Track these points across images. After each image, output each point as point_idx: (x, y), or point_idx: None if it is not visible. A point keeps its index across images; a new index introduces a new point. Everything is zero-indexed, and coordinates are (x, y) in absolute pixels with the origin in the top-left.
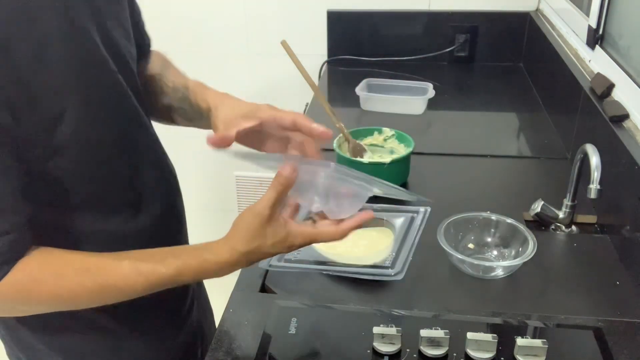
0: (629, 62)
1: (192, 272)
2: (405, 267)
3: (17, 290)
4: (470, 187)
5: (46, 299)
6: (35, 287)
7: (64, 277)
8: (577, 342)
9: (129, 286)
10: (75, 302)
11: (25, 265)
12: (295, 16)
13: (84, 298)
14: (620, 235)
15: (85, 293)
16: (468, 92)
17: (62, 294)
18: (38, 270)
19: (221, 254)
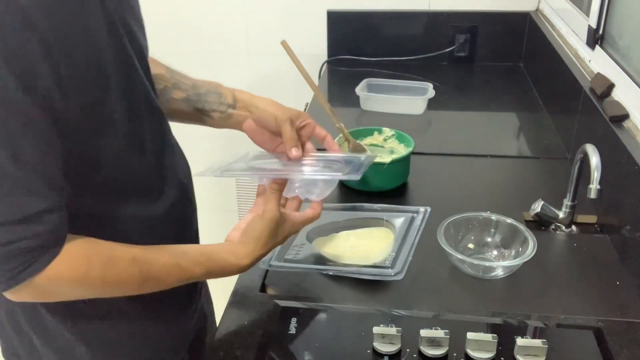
0: (629, 62)
1: (217, 273)
2: (405, 267)
3: (71, 270)
4: (470, 187)
5: (97, 282)
6: (88, 268)
7: (114, 262)
8: (577, 342)
9: (168, 280)
10: (121, 289)
11: (74, 246)
12: (295, 16)
13: (129, 285)
14: (620, 235)
15: (131, 280)
16: (468, 92)
17: (115, 280)
18: (90, 253)
19: (242, 259)
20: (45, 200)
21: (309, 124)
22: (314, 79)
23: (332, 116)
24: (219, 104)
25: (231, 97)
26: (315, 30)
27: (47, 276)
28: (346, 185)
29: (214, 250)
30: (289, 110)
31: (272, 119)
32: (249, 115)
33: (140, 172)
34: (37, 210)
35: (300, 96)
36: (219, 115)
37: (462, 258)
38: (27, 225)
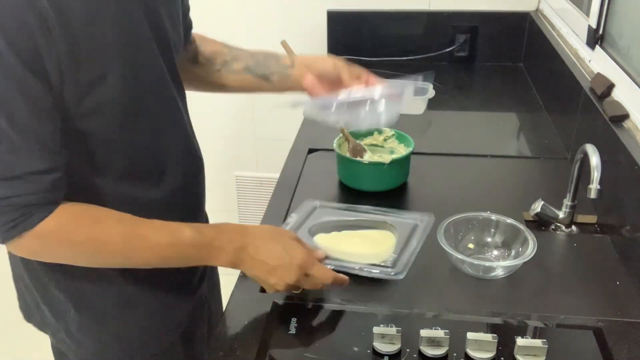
0: (629, 62)
1: (211, 233)
2: (407, 268)
3: (59, 230)
4: (470, 187)
5: (83, 241)
6: (75, 228)
7: (103, 222)
8: (577, 342)
9: (157, 239)
10: (110, 249)
11: (68, 207)
12: (295, 16)
13: (118, 245)
14: (620, 235)
15: (119, 239)
16: (468, 92)
17: (99, 237)
18: (80, 213)
19: (238, 226)
20: (41, 161)
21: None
22: None
23: None
24: (278, 66)
25: (289, 58)
26: (315, 30)
27: (37, 233)
28: (346, 185)
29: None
30: (341, 60)
31: (330, 66)
32: (307, 71)
33: (135, 157)
34: (33, 169)
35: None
36: (278, 78)
37: (462, 258)
38: (22, 182)
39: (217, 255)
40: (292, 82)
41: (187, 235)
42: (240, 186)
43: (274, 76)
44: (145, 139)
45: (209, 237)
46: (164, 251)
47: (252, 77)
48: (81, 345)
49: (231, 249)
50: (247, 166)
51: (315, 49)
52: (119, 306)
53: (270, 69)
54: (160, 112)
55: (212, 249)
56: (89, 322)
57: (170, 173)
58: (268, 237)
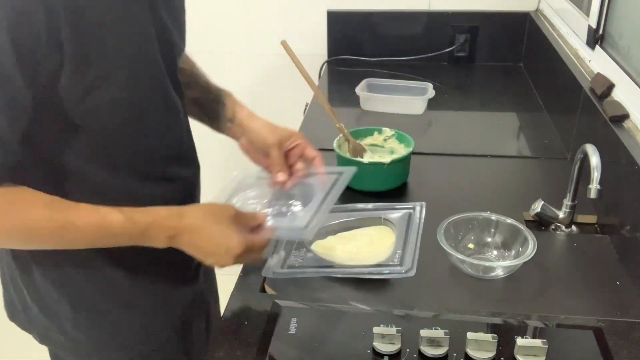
0: (629, 62)
1: (142, 222)
2: (415, 263)
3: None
4: (470, 187)
5: (12, 227)
6: (5, 213)
7: (30, 208)
8: (577, 342)
9: (85, 225)
10: (38, 234)
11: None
12: (295, 16)
13: (45, 230)
14: (620, 235)
15: (46, 226)
16: (468, 92)
17: (26, 223)
18: (10, 198)
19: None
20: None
21: (299, 145)
22: (314, 79)
23: (332, 116)
24: (221, 116)
25: (232, 112)
26: (315, 30)
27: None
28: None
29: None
30: (279, 133)
31: (262, 143)
32: (243, 134)
33: (136, 155)
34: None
35: (300, 96)
36: (218, 125)
37: (462, 258)
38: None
39: (149, 242)
40: (231, 135)
41: (116, 222)
42: None
43: (216, 121)
44: (142, 139)
45: (141, 225)
46: (93, 237)
47: (198, 110)
48: (76, 342)
49: (164, 237)
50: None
51: (315, 49)
52: (115, 302)
53: (215, 113)
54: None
55: (144, 237)
56: (85, 319)
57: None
58: (204, 223)
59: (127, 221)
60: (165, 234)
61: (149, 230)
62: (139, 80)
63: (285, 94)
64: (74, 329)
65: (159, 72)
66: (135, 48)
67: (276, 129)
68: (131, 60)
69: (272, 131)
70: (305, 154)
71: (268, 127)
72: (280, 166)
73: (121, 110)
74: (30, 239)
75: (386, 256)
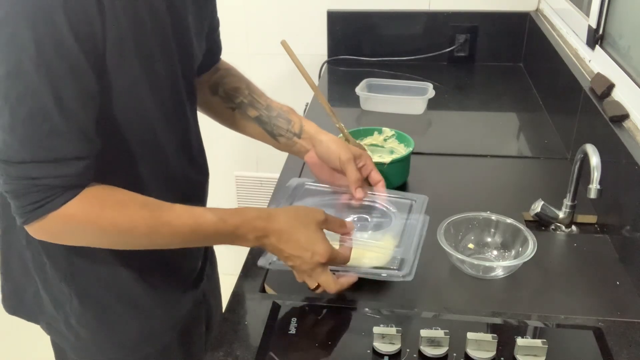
0: (629, 62)
1: (234, 222)
2: (414, 268)
3: (84, 213)
4: (470, 187)
5: (108, 225)
6: (100, 211)
7: (127, 207)
8: (577, 342)
9: (180, 225)
10: (133, 233)
11: (92, 190)
12: (295, 16)
13: (141, 230)
14: (620, 235)
15: (143, 225)
16: (468, 92)
17: (123, 222)
18: (104, 197)
19: (262, 213)
20: (78, 148)
21: (366, 165)
22: (314, 79)
23: (332, 116)
24: (286, 130)
25: (299, 126)
26: (315, 30)
27: (61, 215)
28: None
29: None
30: (351, 150)
31: (335, 158)
32: (311, 148)
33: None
34: (69, 155)
35: (300, 96)
36: (284, 141)
37: (462, 258)
38: (56, 166)
39: (239, 242)
40: (295, 150)
41: (209, 223)
42: (240, 186)
43: (281, 138)
44: (156, 144)
45: (231, 225)
46: (186, 237)
47: (261, 129)
48: (79, 337)
49: (253, 237)
50: (247, 166)
51: (315, 49)
52: (121, 301)
53: (278, 130)
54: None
55: (234, 237)
56: (90, 315)
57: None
58: (292, 227)
59: (219, 222)
60: (253, 234)
61: (239, 230)
62: (158, 83)
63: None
64: (78, 324)
65: (174, 76)
66: (155, 48)
67: (347, 146)
68: (151, 63)
69: (345, 147)
70: (371, 176)
71: (338, 142)
72: (359, 182)
73: (140, 114)
74: (125, 237)
75: (386, 260)
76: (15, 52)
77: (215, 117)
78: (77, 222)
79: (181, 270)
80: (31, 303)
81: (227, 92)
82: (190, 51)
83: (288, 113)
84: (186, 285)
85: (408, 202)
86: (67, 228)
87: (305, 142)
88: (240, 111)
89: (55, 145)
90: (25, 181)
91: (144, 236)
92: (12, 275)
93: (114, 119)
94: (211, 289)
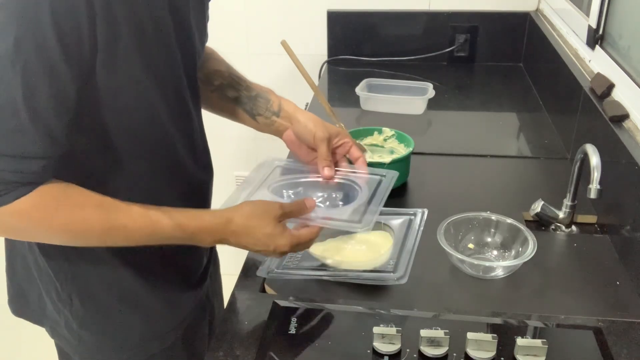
0: (629, 62)
1: (191, 228)
2: (408, 271)
3: (37, 210)
4: (470, 187)
5: (61, 225)
6: (54, 211)
7: (81, 207)
8: (577, 342)
9: (136, 229)
10: (86, 235)
11: (48, 189)
12: (295, 16)
13: (95, 232)
14: (620, 235)
15: (97, 226)
16: (468, 92)
17: (76, 223)
18: (59, 195)
19: (218, 219)
20: (40, 147)
21: (345, 142)
22: (314, 79)
23: (332, 116)
24: (265, 109)
25: (277, 105)
26: (315, 30)
27: (13, 211)
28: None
29: (193, 209)
30: (328, 129)
31: (310, 136)
32: (289, 126)
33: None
34: (31, 154)
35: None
36: (263, 120)
37: (462, 258)
38: (13, 161)
39: (198, 244)
40: (274, 129)
41: (166, 229)
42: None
43: (259, 117)
44: (159, 140)
45: (188, 231)
46: (141, 241)
47: (240, 109)
48: (81, 340)
49: (211, 240)
50: (247, 166)
51: (315, 49)
52: (123, 302)
53: (257, 109)
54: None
55: (192, 241)
56: (92, 318)
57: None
58: (250, 227)
59: (176, 227)
60: (212, 238)
61: (197, 235)
62: (162, 82)
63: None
64: (80, 328)
65: (177, 75)
66: (157, 48)
67: (325, 124)
68: (154, 61)
69: (321, 126)
70: (351, 153)
71: (316, 121)
72: (327, 161)
73: (145, 113)
74: (78, 238)
75: (381, 262)
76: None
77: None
78: (29, 219)
79: (185, 270)
80: (36, 306)
81: (207, 75)
82: (192, 49)
83: (267, 93)
84: (190, 284)
85: (377, 178)
86: (18, 224)
87: (284, 121)
88: (219, 92)
89: (19, 142)
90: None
91: (96, 238)
92: (17, 278)
93: (119, 117)
94: (214, 289)
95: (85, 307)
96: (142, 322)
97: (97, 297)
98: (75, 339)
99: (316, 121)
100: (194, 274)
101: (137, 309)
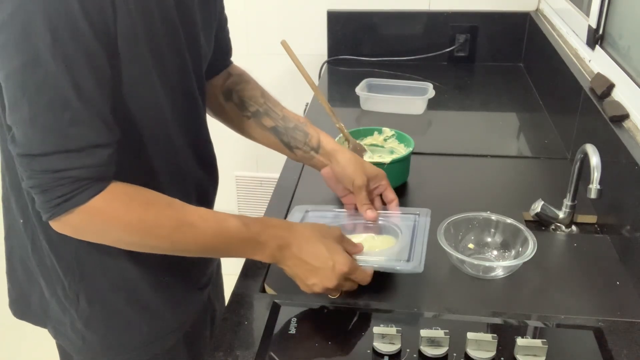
0: (629, 62)
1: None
2: (422, 261)
3: (113, 209)
4: (470, 187)
5: (135, 223)
6: (129, 208)
7: (153, 205)
8: (577, 342)
9: (204, 228)
10: (158, 233)
11: (120, 187)
12: (295, 16)
13: (166, 229)
14: (620, 235)
15: (168, 224)
16: (468, 92)
17: (149, 220)
18: (132, 194)
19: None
20: (101, 134)
21: (381, 185)
22: (314, 79)
23: (332, 116)
24: (304, 143)
25: (316, 140)
26: (315, 30)
27: (88, 209)
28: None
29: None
30: (367, 172)
31: (349, 182)
32: (328, 164)
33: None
34: (92, 143)
35: (300, 96)
36: (301, 154)
37: (462, 258)
38: (80, 155)
39: (260, 250)
40: (312, 163)
41: (232, 227)
42: (240, 186)
43: (297, 150)
44: (169, 139)
45: (254, 231)
46: (209, 240)
47: (277, 140)
48: (85, 340)
49: (274, 245)
50: (247, 166)
51: (315, 49)
52: (128, 302)
53: (295, 142)
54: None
55: (255, 244)
56: (98, 319)
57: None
58: (313, 237)
59: (242, 226)
60: (276, 242)
61: (261, 236)
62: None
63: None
64: (85, 328)
65: (187, 76)
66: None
67: (363, 167)
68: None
69: (360, 171)
70: (385, 195)
71: (355, 164)
72: (367, 206)
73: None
74: (149, 237)
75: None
76: (30, 42)
77: (227, 123)
78: (104, 217)
79: (190, 271)
80: (37, 308)
81: (242, 99)
82: (198, 46)
83: (305, 125)
84: (194, 287)
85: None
86: (93, 223)
87: (323, 158)
88: (255, 120)
89: (78, 134)
90: (51, 174)
91: (167, 237)
92: (18, 280)
93: (126, 109)
94: (216, 291)
95: (91, 307)
96: (146, 323)
97: (104, 298)
98: (79, 339)
99: (356, 165)
100: (200, 277)
101: (143, 311)
